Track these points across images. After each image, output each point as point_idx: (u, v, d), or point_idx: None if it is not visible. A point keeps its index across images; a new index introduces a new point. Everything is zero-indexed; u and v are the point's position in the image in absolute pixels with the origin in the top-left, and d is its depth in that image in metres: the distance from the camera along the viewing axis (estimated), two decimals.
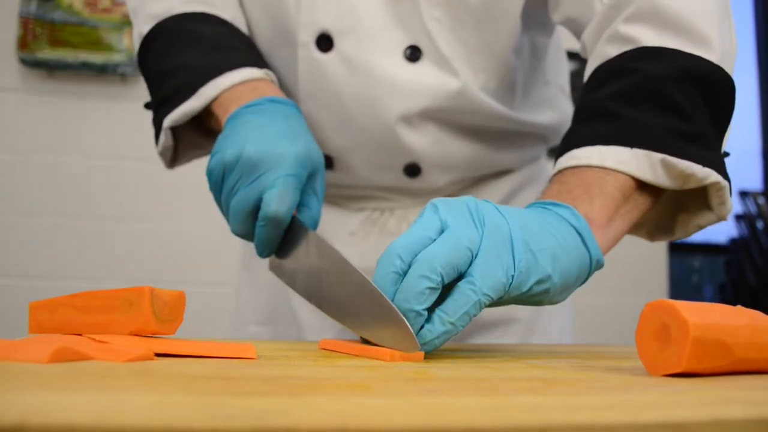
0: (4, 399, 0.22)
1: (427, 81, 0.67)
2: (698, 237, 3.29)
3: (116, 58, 1.93)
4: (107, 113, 1.94)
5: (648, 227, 0.61)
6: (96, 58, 1.92)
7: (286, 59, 0.70)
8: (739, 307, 0.39)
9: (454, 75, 0.67)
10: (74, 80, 1.94)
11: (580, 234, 0.48)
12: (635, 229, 0.58)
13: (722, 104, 0.55)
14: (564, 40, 0.84)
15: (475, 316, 0.43)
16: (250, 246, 0.85)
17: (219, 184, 0.57)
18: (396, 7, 0.66)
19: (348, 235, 0.75)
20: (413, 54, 0.67)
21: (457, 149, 0.71)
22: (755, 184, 3.10)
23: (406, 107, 0.67)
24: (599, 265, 0.49)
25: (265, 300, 0.81)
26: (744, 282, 2.68)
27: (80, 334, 0.41)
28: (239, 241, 0.80)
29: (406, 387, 0.29)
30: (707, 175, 0.52)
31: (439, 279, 0.41)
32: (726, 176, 0.54)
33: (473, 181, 0.76)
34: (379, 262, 0.44)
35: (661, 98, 0.53)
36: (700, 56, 0.54)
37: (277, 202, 0.53)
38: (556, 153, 0.58)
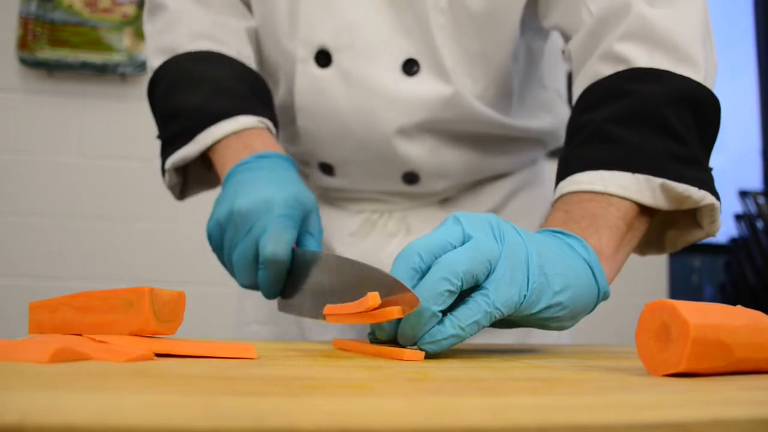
0: (4, 399, 0.22)
1: (425, 94, 0.67)
2: None
3: (116, 58, 1.93)
4: (107, 113, 1.94)
5: (639, 244, 0.62)
6: (96, 58, 1.92)
7: (286, 74, 0.71)
8: (739, 307, 0.39)
9: (453, 86, 0.67)
10: (74, 80, 1.94)
11: (590, 267, 0.49)
12: None
13: (710, 124, 0.57)
14: (560, 42, 0.84)
15: (483, 327, 0.43)
16: None
17: (219, 244, 0.59)
18: (399, 18, 0.66)
19: (348, 236, 0.75)
20: (411, 68, 0.67)
21: (455, 157, 0.72)
22: (755, 184, 3.10)
23: (403, 120, 0.68)
24: (606, 297, 0.50)
25: (266, 300, 0.81)
26: (744, 282, 2.68)
27: (80, 335, 0.41)
28: None
29: (406, 387, 0.29)
30: (703, 197, 0.54)
31: (459, 284, 0.42)
32: (717, 196, 0.55)
33: (471, 185, 0.77)
34: (398, 259, 0.44)
35: (657, 122, 0.54)
36: (689, 77, 0.56)
37: (273, 242, 0.53)
38: (556, 175, 0.58)
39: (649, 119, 0.54)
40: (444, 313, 0.43)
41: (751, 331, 0.38)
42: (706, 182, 0.55)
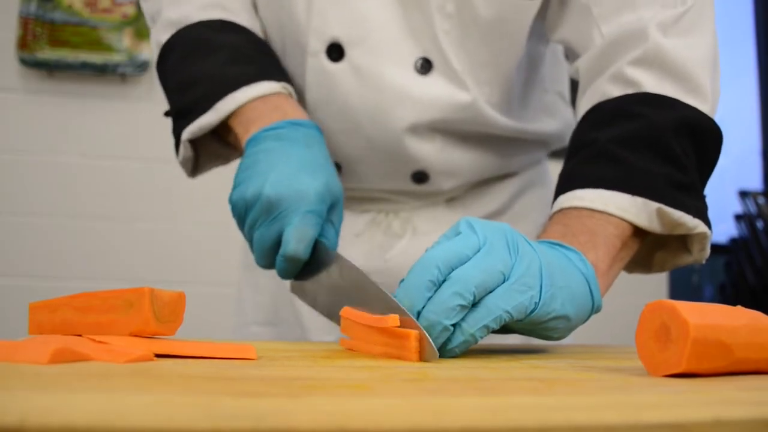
0: (4, 399, 0.22)
1: (437, 94, 0.67)
2: None
3: (116, 58, 1.93)
4: (107, 113, 1.94)
5: (628, 262, 0.63)
6: (96, 58, 1.92)
7: (296, 67, 0.70)
8: (739, 307, 0.39)
9: (464, 88, 0.67)
10: (74, 80, 1.94)
11: (587, 281, 0.50)
12: None
13: (710, 154, 0.59)
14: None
15: (493, 330, 0.44)
16: None
17: (242, 217, 0.58)
18: (408, 18, 0.66)
19: (353, 236, 0.75)
20: (424, 66, 0.67)
21: (464, 157, 0.72)
22: (755, 184, 3.09)
23: (415, 119, 0.67)
24: (598, 310, 0.52)
25: (267, 300, 0.81)
26: (744, 282, 2.68)
27: (80, 335, 0.41)
28: (239, 241, 0.80)
29: (406, 387, 0.29)
30: (696, 225, 0.56)
31: (471, 298, 0.43)
32: (709, 225, 0.57)
33: (478, 185, 0.77)
34: (415, 268, 0.45)
35: (661, 148, 0.56)
36: (696, 107, 0.57)
37: (296, 240, 0.54)
38: (557, 187, 0.59)
39: (653, 144, 0.56)
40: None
41: (751, 331, 0.38)
42: (701, 211, 0.57)
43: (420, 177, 0.72)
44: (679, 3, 0.60)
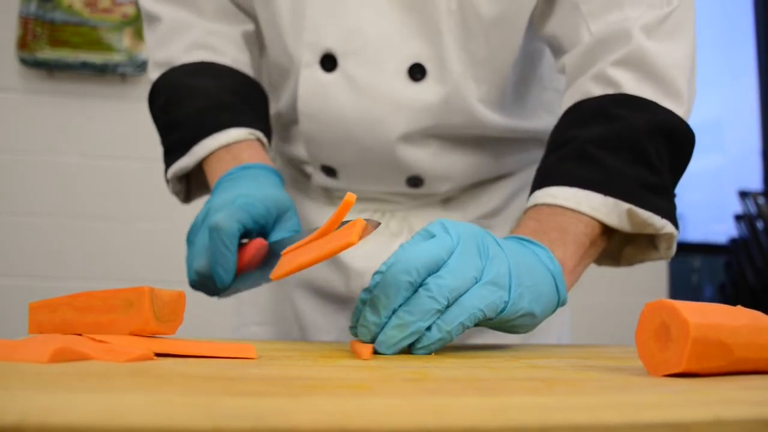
0: (4, 399, 0.22)
1: (430, 100, 0.67)
2: (698, 237, 3.29)
3: (116, 58, 1.93)
4: (107, 113, 1.94)
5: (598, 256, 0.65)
6: (96, 58, 1.92)
7: (291, 78, 0.71)
8: (739, 307, 0.39)
9: (460, 90, 0.67)
10: (74, 80, 1.94)
11: (554, 277, 0.52)
12: None
13: (682, 157, 0.61)
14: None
15: (468, 328, 0.46)
16: None
17: (192, 242, 0.60)
18: (408, 20, 0.66)
19: None
20: (417, 73, 0.67)
21: (459, 160, 0.72)
22: (755, 184, 3.09)
23: (408, 127, 0.68)
24: (564, 304, 0.54)
25: (267, 300, 0.81)
26: (744, 282, 2.68)
27: (80, 334, 0.41)
28: None
29: (406, 387, 0.29)
30: (664, 225, 0.58)
31: (446, 302, 0.45)
32: (677, 225, 0.60)
33: (474, 186, 0.77)
34: (395, 269, 0.46)
35: (636, 150, 0.58)
36: (672, 111, 0.60)
37: (222, 215, 0.55)
38: (533, 182, 0.61)
39: (629, 146, 0.58)
40: None
41: (751, 331, 0.38)
42: (670, 212, 0.59)
43: (415, 181, 0.72)
44: (665, 3, 0.62)
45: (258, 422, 0.20)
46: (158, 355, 0.38)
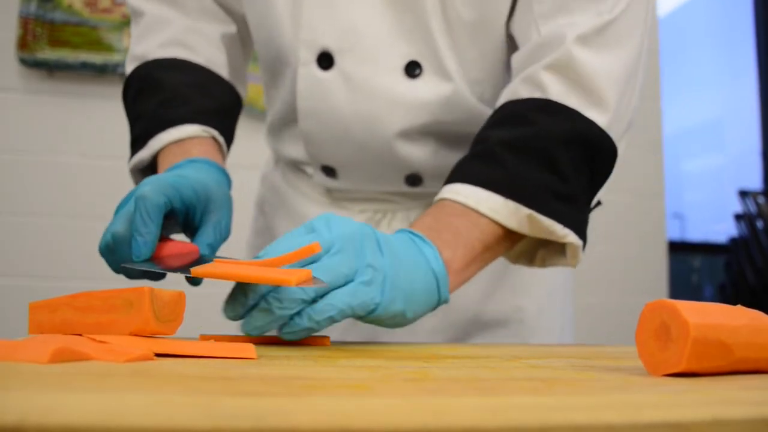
0: (4, 399, 0.22)
1: (427, 97, 0.67)
2: (698, 237, 3.29)
3: (116, 58, 1.93)
4: (107, 113, 1.94)
5: (512, 254, 0.66)
6: (96, 58, 1.92)
7: (289, 77, 0.71)
8: (739, 307, 0.39)
9: (456, 87, 0.67)
10: (74, 80, 1.94)
11: (436, 278, 0.54)
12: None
13: (601, 168, 0.61)
14: None
15: (337, 321, 0.48)
16: (252, 246, 0.85)
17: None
18: (399, 20, 0.66)
19: None
20: (413, 70, 0.67)
21: (457, 158, 0.72)
22: (755, 184, 3.10)
23: (406, 123, 0.68)
24: (446, 302, 0.56)
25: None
26: (744, 282, 2.68)
27: (80, 334, 0.41)
28: (239, 241, 0.80)
29: (406, 387, 0.29)
30: (566, 234, 0.59)
31: (313, 295, 0.48)
32: (583, 235, 0.60)
33: None
34: (270, 256, 0.48)
35: (546, 157, 0.58)
36: (593, 121, 0.59)
37: (151, 188, 0.52)
38: (448, 175, 0.62)
39: (538, 153, 0.58)
40: None
41: (751, 331, 0.38)
42: (576, 221, 0.59)
43: (413, 180, 0.72)
44: (608, 11, 0.61)
45: (258, 422, 0.20)
46: (158, 355, 0.38)
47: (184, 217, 0.56)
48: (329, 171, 0.73)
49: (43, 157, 1.92)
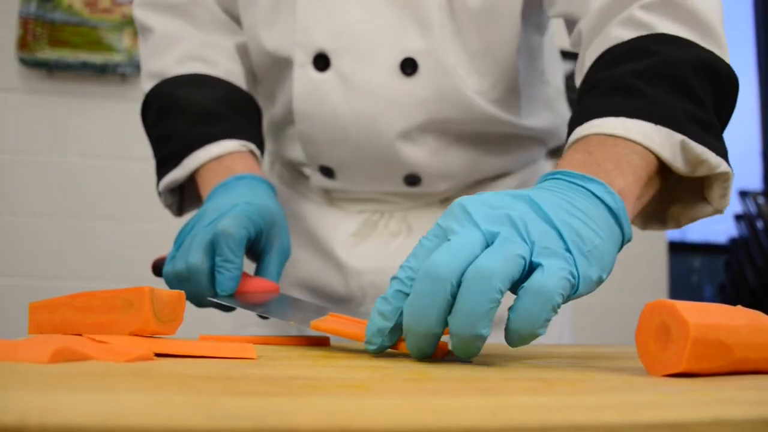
0: (4, 399, 0.22)
1: (425, 95, 0.67)
2: (698, 237, 3.29)
3: (116, 58, 1.93)
4: (107, 113, 1.94)
5: (642, 216, 0.59)
6: (96, 58, 1.92)
7: (285, 79, 0.71)
8: (739, 307, 0.39)
9: (453, 83, 0.67)
10: (74, 80, 1.94)
11: (615, 215, 0.45)
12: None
13: (728, 101, 0.55)
14: (557, 40, 0.83)
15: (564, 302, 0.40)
16: None
17: (180, 242, 0.61)
18: (399, 15, 0.66)
19: (349, 237, 0.75)
20: (408, 68, 0.67)
21: (457, 158, 0.72)
22: (755, 184, 3.10)
23: (404, 123, 0.67)
24: (629, 241, 0.47)
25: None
26: (744, 282, 2.68)
27: (80, 334, 0.41)
28: None
29: (406, 387, 0.29)
30: (719, 163, 0.51)
31: (500, 296, 0.38)
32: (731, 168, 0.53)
33: (472, 184, 0.77)
34: (423, 286, 0.39)
35: (680, 83, 0.52)
36: (713, 51, 0.54)
37: (231, 222, 0.56)
38: (568, 126, 0.55)
39: (672, 79, 0.51)
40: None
41: (751, 331, 0.38)
42: (723, 151, 0.52)
43: (412, 180, 0.72)
44: None
45: (258, 422, 0.20)
46: (158, 355, 0.38)
47: (251, 243, 0.59)
48: (327, 172, 0.73)
49: (43, 157, 1.92)
